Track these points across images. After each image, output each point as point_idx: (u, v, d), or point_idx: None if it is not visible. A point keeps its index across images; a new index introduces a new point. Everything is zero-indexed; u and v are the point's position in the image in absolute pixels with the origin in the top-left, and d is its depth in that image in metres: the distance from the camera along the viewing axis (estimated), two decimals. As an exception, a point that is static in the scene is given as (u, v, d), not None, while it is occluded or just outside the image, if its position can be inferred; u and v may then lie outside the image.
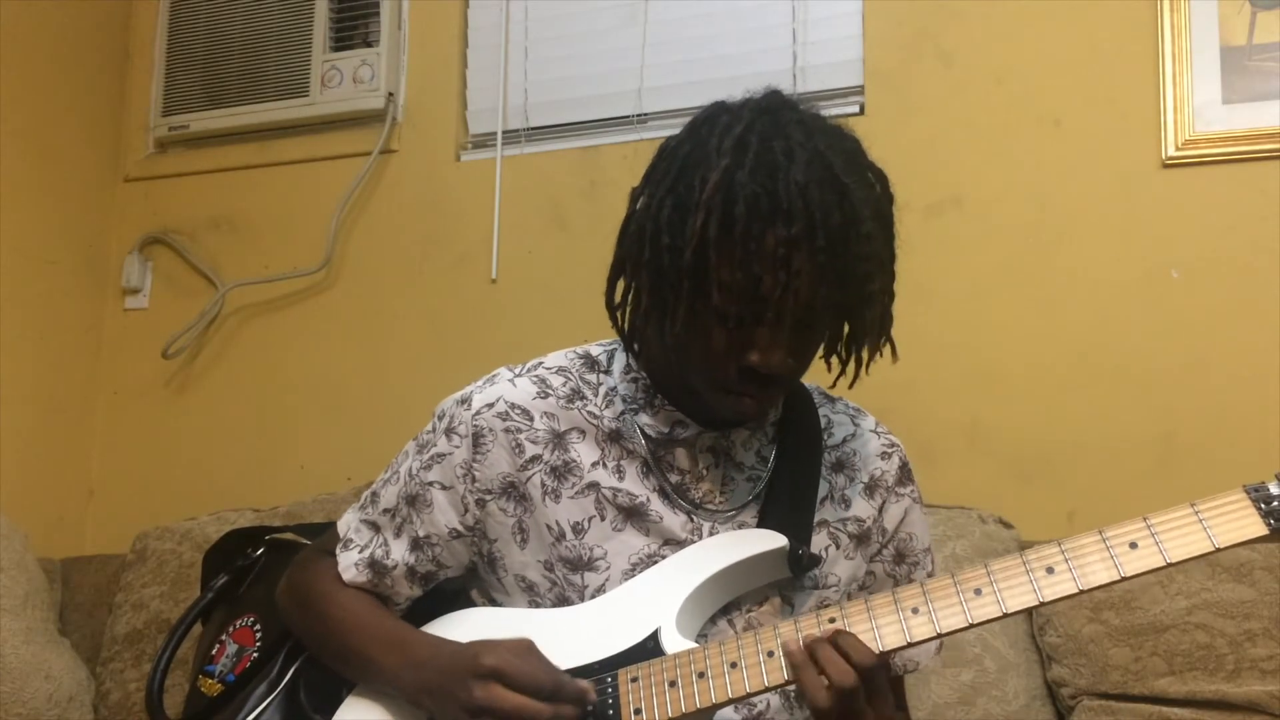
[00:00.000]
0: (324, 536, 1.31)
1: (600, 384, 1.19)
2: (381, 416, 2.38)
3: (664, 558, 1.13)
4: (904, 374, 2.10)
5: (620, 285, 1.12)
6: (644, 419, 1.16)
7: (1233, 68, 1.94)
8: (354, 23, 2.55)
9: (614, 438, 1.16)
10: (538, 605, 1.16)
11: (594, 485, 1.15)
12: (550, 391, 1.18)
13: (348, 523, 1.25)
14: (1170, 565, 0.95)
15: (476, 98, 2.48)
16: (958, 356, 2.04)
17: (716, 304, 1.02)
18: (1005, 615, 0.96)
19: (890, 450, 1.24)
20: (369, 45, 2.52)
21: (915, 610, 0.99)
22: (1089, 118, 2.02)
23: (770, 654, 1.00)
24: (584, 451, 1.16)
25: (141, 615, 2.12)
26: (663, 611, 1.08)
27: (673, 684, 1.02)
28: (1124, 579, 0.95)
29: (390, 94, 2.47)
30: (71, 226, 2.61)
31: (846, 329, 1.10)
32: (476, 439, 1.16)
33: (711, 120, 1.08)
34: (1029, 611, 1.76)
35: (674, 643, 1.05)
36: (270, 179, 2.58)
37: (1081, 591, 0.95)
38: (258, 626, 1.42)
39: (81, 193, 2.64)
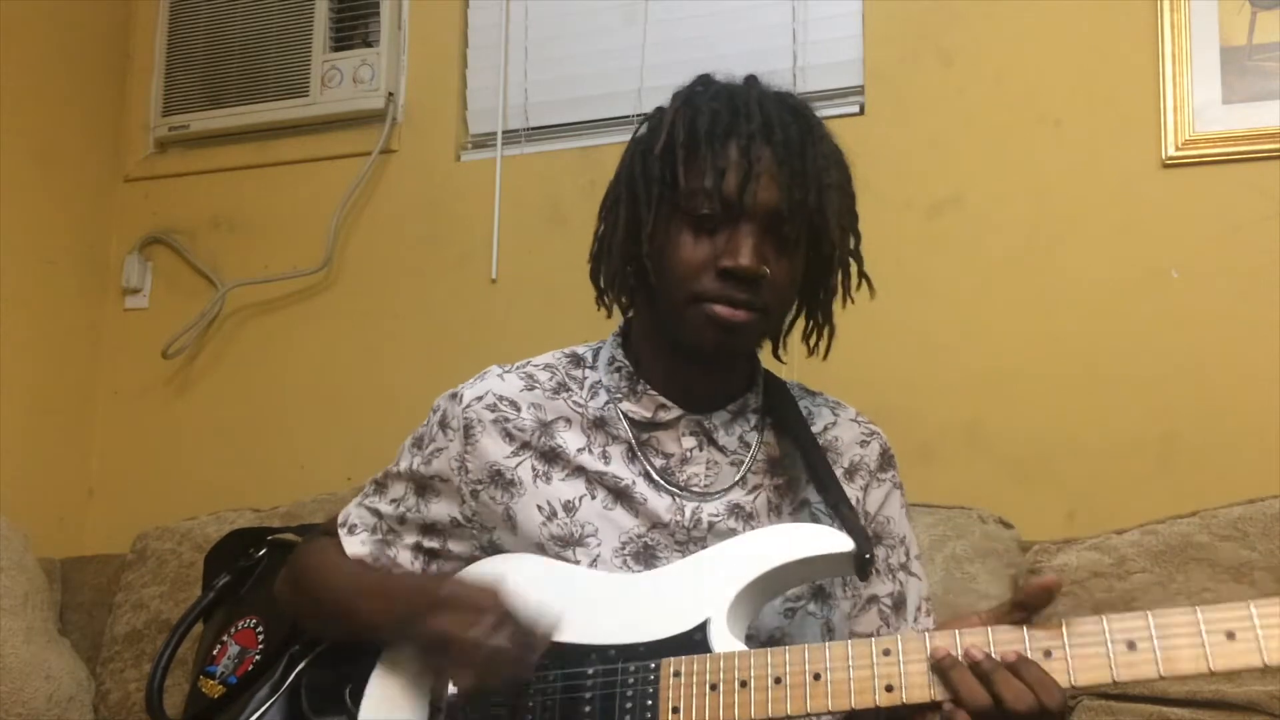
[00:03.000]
0: (321, 526, 1.34)
1: (585, 378, 1.24)
2: (381, 416, 2.38)
3: (653, 541, 1.14)
4: (904, 374, 2.11)
5: (603, 267, 1.21)
6: (627, 406, 1.20)
7: (1233, 68, 1.94)
8: (354, 23, 2.55)
9: (598, 424, 1.20)
10: None
11: (581, 468, 1.18)
12: (537, 385, 1.23)
13: (348, 511, 1.29)
14: (1268, 668, 0.86)
15: (476, 98, 2.48)
16: (958, 356, 2.04)
17: (686, 208, 1.10)
18: (1073, 689, 0.91)
19: (869, 438, 1.27)
20: (369, 45, 2.52)
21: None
22: (1089, 118, 2.02)
23: (817, 677, 0.96)
24: (570, 439, 1.19)
25: (141, 615, 2.12)
26: (715, 603, 1.06)
27: (714, 687, 0.99)
28: (1211, 673, 0.87)
29: (390, 94, 2.47)
30: (71, 226, 2.61)
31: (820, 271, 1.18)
32: (467, 431, 1.20)
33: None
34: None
35: (721, 639, 1.03)
36: (270, 179, 2.58)
37: (1162, 678, 0.89)
38: (260, 629, 1.42)
39: (81, 193, 2.64)
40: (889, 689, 0.94)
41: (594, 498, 1.17)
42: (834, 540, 1.07)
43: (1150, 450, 1.90)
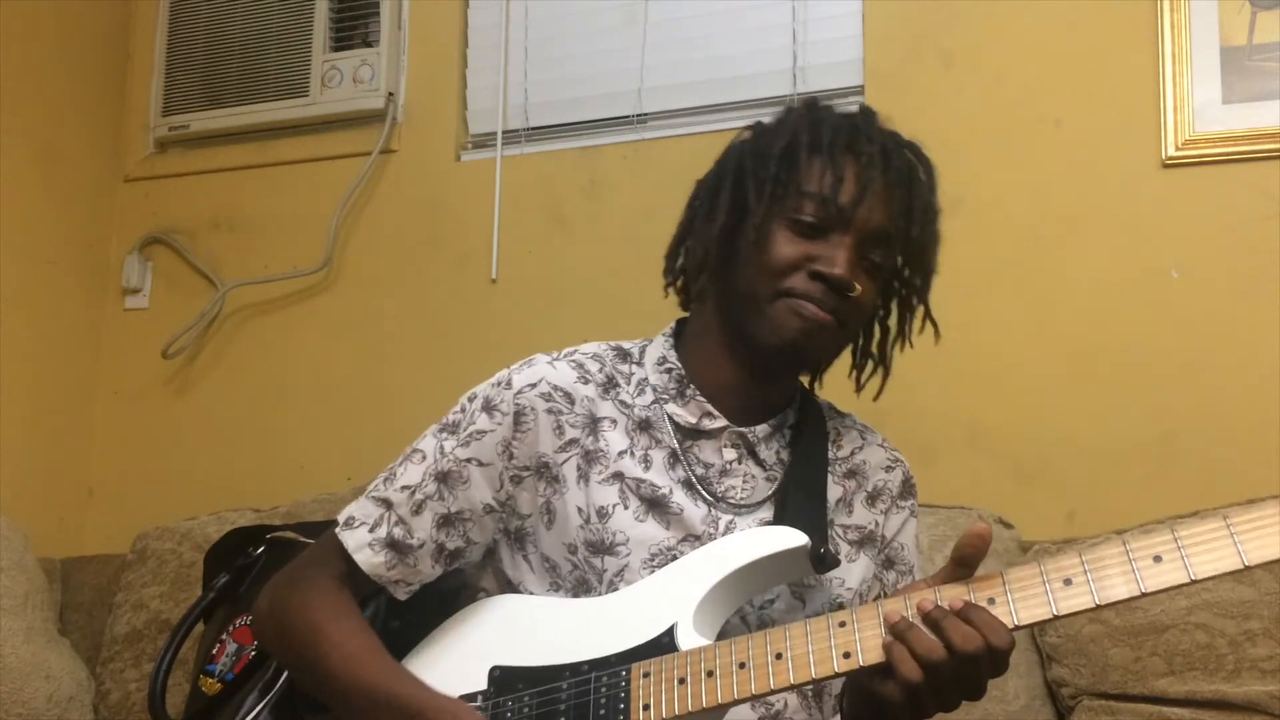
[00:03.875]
0: (310, 551, 1.26)
1: (632, 374, 1.22)
2: (381, 416, 2.38)
3: (682, 553, 1.15)
4: (904, 374, 2.11)
5: (689, 249, 1.21)
6: (673, 408, 1.19)
7: (1233, 68, 1.94)
8: (354, 23, 2.55)
9: (643, 427, 1.19)
10: (557, 587, 1.17)
11: (619, 474, 1.17)
12: (589, 377, 1.21)
13: (349, 510, 1.21)
14: (1195, 582, 0.92)
15: (476, 98, 2.48)
16: (958, 356, 2.03)
17: (792, 209, 1.13)
18: (1017, 628, 0.95)
19: (894, 464, 1.29)
20: (369, 45, 2.52)
21: None
22: (1089, 118, 2.02)
23: (779, 656, 1.00)
24: (613, 440, 1.18)
25: (141, 615, 2.12)
26: (680, 608, 1.08)
27: (682, 681, 1.02)
28: (1145, 595, 0.92)
29: (390, 94, 2.47)
30: (71, 226, 2.61)
31: (894, 303, 1.24)
32: (518, 417, 1.17)
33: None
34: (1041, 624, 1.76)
35: (689, 639, 1.06)
36: (270, 179, 2.58)
37: (1099, 607, 0.93)
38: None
39: (81, 193, 2.64)
40: (846, 655, 0.98)
41: (627, 507, 1.16)
42: (787, 537, 1.10)
43: (1150, 450, 1.90)
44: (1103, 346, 1.96)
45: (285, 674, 1.29)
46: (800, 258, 1.12)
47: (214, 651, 1.45)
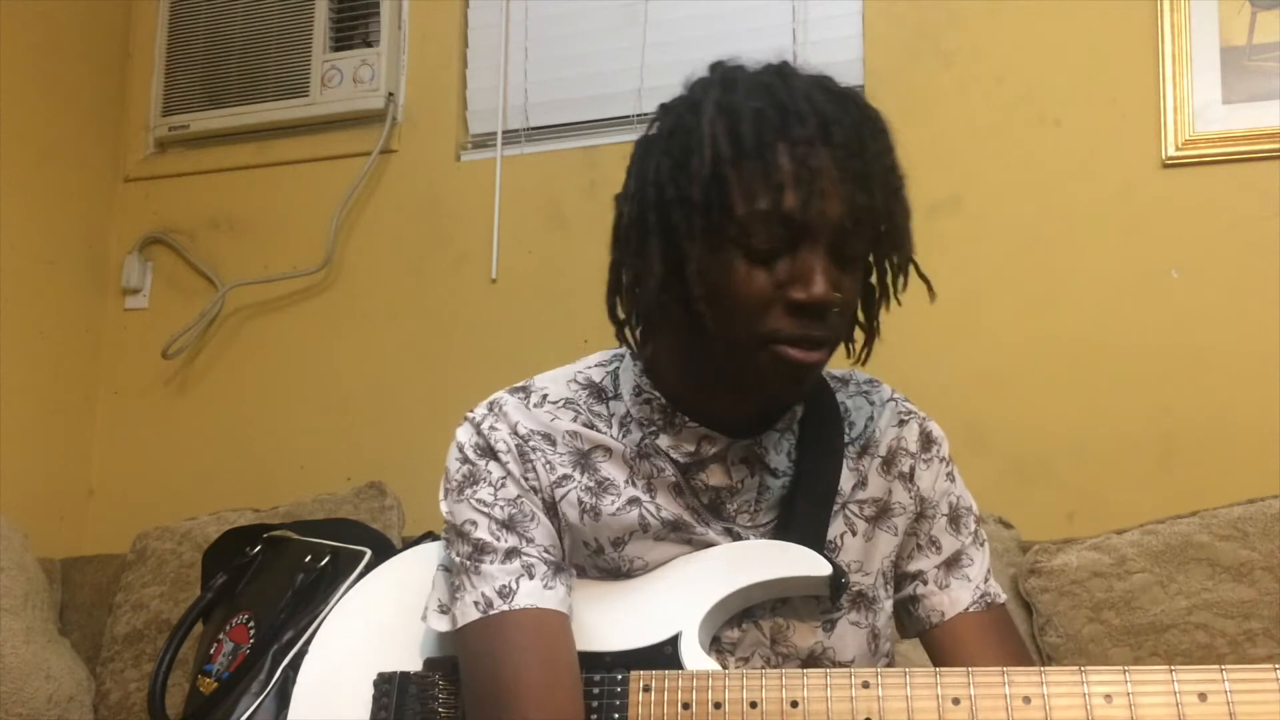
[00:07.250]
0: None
1: (612, 414, 1.09)
2: (381, 416, 2.38)
3: None
4: (904, 374, 2.12)
5: (620, 299, 1.05)
6: (665, 442, 1.06)
7: (1233, 68, 1.94)
8: (354, 23, 2.55)
9: (643, 455, 1.08)
10: None
11: (636, 500, 1.06)
12: (561, 419, 1.10)
13: (469, 599, 1.02)
14: None
15: (476, 98, 2.48)
16: (958, 356, 2.04)
17: (740, 237, 0.94)
18: None
19: (907, 418, 1.15)
20: (369, 45, 2.52)
21: (956, 701, 0.91)
22: (1089, 118, 2.02)
23: (794, 705, 0.93)
24: (613, 470, 1.07)
25: (141, 615, 2.12)
26: (688, 615, 1.02)
27: (686, 706, 0.96)
28: None
29: (390, 94, 2.47)
30: (71, 226, 2.61)
31: (873, 260, 1.04)
32: (520, 451, 1.07)
33: (684, 95, 1.04)
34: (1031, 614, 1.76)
35: (692, 655, 1.00)
36: (270, 179, 2.58)
37: None
38: (251, 624, 1.42)
39: (81, 193, 2.64)
40: None
41: (645, 531, 1.06)
42: (813, 564, 1.04)
43: (1150, 450, 1.91)
44: (1103, 346, 1.96)
45: (279, 672, 1.29)
46: (770, 290, 0.95)
47: (211, 651, 1.45)
